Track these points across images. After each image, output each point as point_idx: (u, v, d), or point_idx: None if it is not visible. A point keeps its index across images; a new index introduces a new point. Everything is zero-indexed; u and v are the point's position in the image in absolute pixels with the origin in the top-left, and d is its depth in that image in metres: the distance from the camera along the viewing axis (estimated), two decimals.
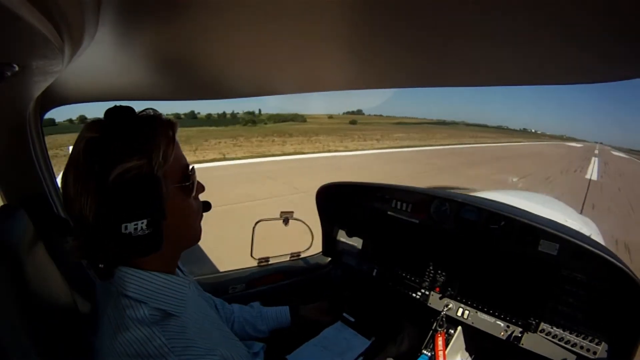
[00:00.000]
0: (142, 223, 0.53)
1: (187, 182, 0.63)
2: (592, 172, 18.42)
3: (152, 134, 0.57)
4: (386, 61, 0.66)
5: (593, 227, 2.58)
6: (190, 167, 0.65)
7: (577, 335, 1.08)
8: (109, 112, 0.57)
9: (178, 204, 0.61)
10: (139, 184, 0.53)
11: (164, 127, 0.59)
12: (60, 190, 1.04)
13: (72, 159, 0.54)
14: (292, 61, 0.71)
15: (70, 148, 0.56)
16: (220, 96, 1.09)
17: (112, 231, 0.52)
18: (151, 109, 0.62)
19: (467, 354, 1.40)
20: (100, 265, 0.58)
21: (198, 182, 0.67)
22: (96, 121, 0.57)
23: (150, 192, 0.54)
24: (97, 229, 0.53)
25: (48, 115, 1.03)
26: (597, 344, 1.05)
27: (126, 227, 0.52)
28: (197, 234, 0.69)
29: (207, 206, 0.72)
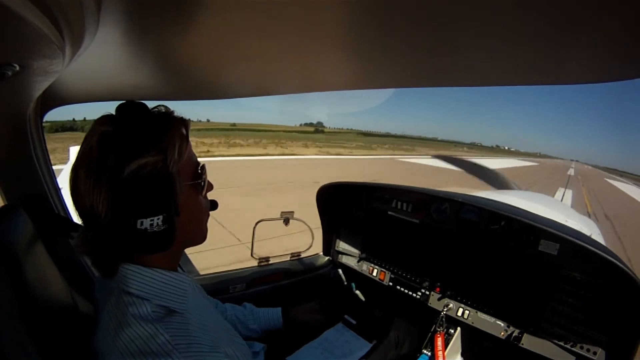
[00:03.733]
0: (158, 219, 0.53)
1: (199, 179, 0.64)
2: None
3: (167, 130, 0.57)
4: (387, 61, 0.65)
5: (593, 227, 2.58)
6: (201, 165, 0.65)
7: (577, 335, 1.08)
8: (121, 107, 0.56)
9: (189, 201, 0.61)
10: (156, 179, 0.53)
11: (178, 124, 0.59)
12: (61, 190, 1.04)
13: (84, 153, 0.53)
14: (293, 61, 0.71)
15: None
16: (220, 96, 1.09)
17: (127, 226, 0.52)
18: (163, 105, 0.61)
19: (466, 354, 1.40)
20: (104, 262, 0.58)
21: (208, 181, 0.67)
22: (109, 115, 0.56)
23: (166, 189, 0.54)
24: (111, 224, 0.52)
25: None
26: (597, 344, 1.05)
27: (142, 223, 0.52)
28: (204, 233, 0.69)
29: (214, 205, 0.72)
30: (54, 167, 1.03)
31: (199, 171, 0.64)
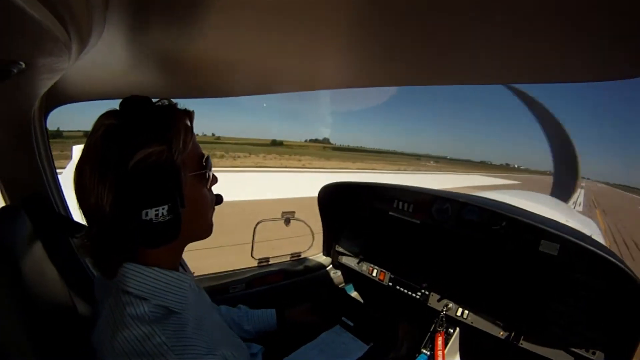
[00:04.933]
0: (163, 209, 0.52)
1: (204, 171, 0.63)
2: None
3: (171, 121, 0.57)
4: (389, 59, 0.66)
5: (594, 227, 2.58)
6: (206, 156, 0.65)
7: (576, 336, 1.08)
8: (125, 101, 0.57)
9: (194, 192, 0.61)
10: (161, 169, 0.52)
11: (182, 116, 0.59)
12: (63, 189, 1.05)
13: (89, 148, 0.53)
14: (295, 59, 0.71)
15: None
16: (225, 94, 1.10)
17: (132, 218, 0.51)
18: (166, 99, 0.61)
19: (466, 354, 1.40)
20: (107, 260, 0.57)
21: (212, 174, 0.67)
22: (113, 110, 0.56)
23: (172, 178, 0.54)
24: (116, 217, 0.51)
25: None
26: (596, 345, 1.05)
27: (147, 213, 0.51)
28: (209, 226, 0.68)
29: (219, 199, 0.71)
30: None
31: (204, 163, 0.64)
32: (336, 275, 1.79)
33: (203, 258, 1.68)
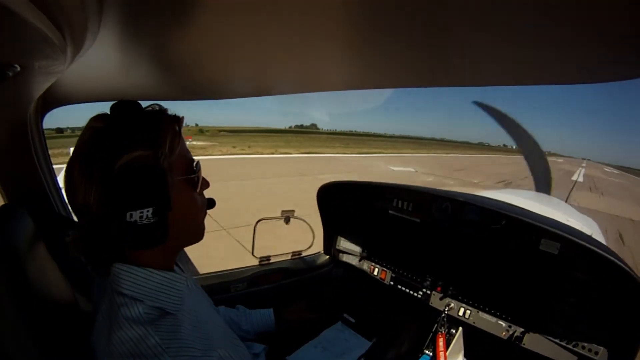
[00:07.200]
0: (148, 211, 0.53)
1: (192, 174, 0.64)
2: None
3: (159, 126, 0.58)
4: (389, 60, 0.65)
5: (594, 227, 2.58)
6: (196, 161, 0.65)
7: (578, 335, 1.08)
8: (115, 106, 0.57)
9: (183, 196, 0.61)
10: (145, 172, 0.53)
11: (170, 121, 0.60)
12: (62, 189, 1.05)
13: (78, 149, 0.54)
14: (293, 61, 0.71)
15: (71, 149, 0.56)
16: (222, 96, 1.09)
17: (116, 219, 0.52)
18: (157, 104, 0.62)
19: (468, 354, 1.40)
20: (98, 259, 0.58)
21: (203, 178, 0.67)
22: (103, 114, 0.57)
23: (156, 182, 0.54)
24: (102, 217, 0.52)
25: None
26: (598, 344, 1.05)
27: (131, 215, 0.52)
28: (200, 230, 0.69)
29: (211, 203, 0.72)
30: None
31: (194, 167, 0.64)
32: (337, 273, 1.79)
33: None
